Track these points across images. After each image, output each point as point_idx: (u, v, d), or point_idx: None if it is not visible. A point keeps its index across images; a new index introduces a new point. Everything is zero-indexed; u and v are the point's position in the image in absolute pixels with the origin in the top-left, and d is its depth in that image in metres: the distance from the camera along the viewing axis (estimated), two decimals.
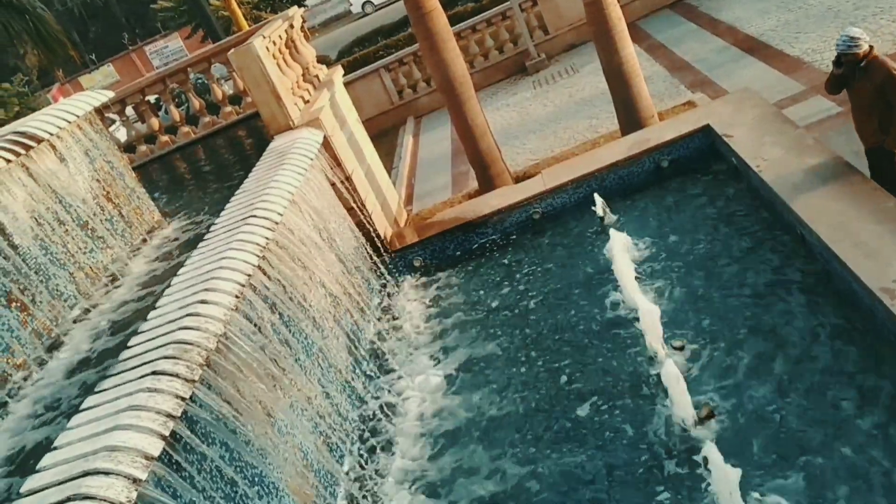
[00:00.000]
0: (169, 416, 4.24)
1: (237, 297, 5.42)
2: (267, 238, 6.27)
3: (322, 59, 23.67)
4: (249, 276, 5.72)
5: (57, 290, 6.07)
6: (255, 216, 6.49)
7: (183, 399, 4.39)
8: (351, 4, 42.95)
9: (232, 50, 8.75)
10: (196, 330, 4.89)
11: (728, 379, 5.70)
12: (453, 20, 18.83)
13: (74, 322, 6.05)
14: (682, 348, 6.16)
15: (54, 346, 5.73)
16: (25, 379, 5.41)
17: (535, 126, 14.19)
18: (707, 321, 6.37)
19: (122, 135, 11.82)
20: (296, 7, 11.04)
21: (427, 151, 15.70)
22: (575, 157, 10.61)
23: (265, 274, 6.15)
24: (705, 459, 4.86)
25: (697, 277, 6.93)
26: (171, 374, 4.48)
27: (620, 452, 5.54)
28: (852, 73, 6.60)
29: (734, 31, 14.26)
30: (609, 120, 12.03)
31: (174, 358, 4.59)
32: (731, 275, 6.75)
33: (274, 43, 9.26)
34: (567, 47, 17.75)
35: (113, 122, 12.55)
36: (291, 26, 10.27)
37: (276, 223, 6.55)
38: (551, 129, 13.61)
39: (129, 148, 11.43)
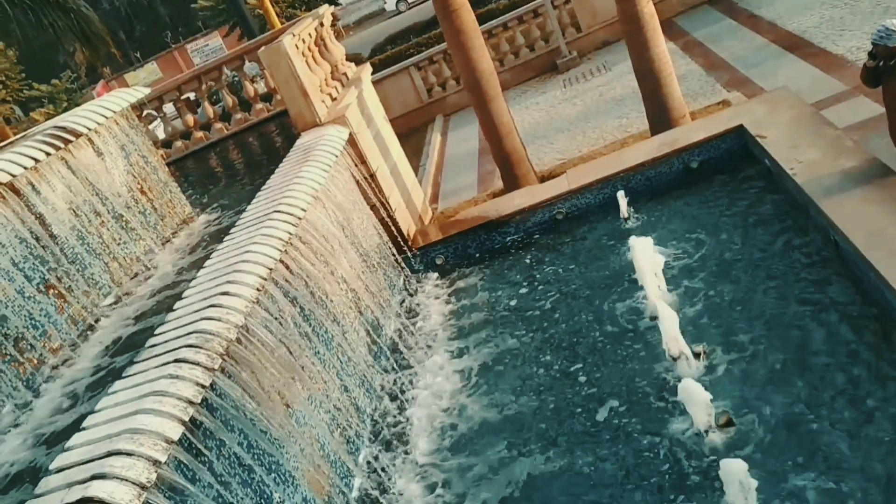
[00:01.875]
0: (189, 402, 4.43)
1: (258, 289, 5.61)
2: (290, 233, 6.46)
3: (354, 57, 23.98)
4: (271, 269, 5.90)
5: (92, 279, 6.32)
6: (278, 211, 6.68)
7: (203, 386, 4.58)
8: (385, 2, 43.30)
9: (262, 48, 8.97)
10: (218, 321, 5.09)
11: (749, 386, 5.65)
12: (485, 17, 18.95)
13: (108, 310, 6.30)
14: (702, 354, 6.13)
15: (88, 332, 5.97)
16: (63, 363, 5.66)
17: (563, 125, 14.22)
18: (730, 327, 6.30)
19: (160, 131, 12.16)
20: (326, 5, 11.22)
21: (455, 149, 15.82)
22: (602, 157, 10.62)
23: (287, 268, 6.34)
24: (720, 465, 4.83)
25: (723, 282, 6.86)
26: (192, 363, 4.67)
27: (635, 456, 5.54)
28: (886, 67, 6.30)
29: (775, 28, 14.06)
30: (640, 120, 12.00)
31: (196, 347, 4.79)
32: (759, 281, 6.65)
33: (303, 41, 9.46)
34: (600, 45, 17.71)
35: (155, 118, 12.90)
36: (321, 24, 10.48)
37: (300, 218, 6.74)
38: (580, 128, 13.63)
39: (166, 143, 11.77)
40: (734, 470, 4.58)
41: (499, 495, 5.80)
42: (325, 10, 10.90)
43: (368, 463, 6.44)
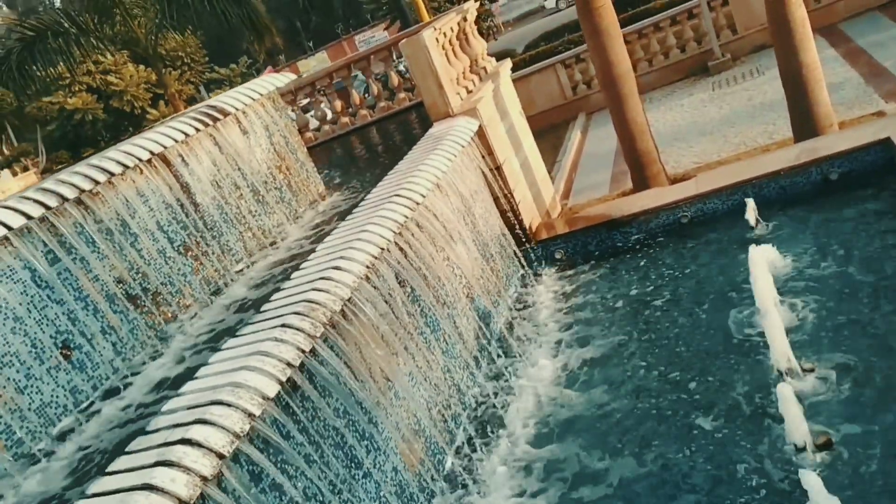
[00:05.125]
0: (288, 364, 4.68)
1: (368, 267, 5.81)
2: (406, 217, 6.62)
3: (508, 53, 24.03)
4: (383, 249, 6.08)
5: (227, 246, 6.78)
6: (399, 195, 6.86)
7: (303, 351, 4.82)
8: (545, 0, 43.17)
9: (403, 40, 9.21)
10: (325, 292, 5.33)
11: (856, 410, 5.25)
12: (642, 16, 18.41)
13: (237, 275, 6.74)
14: (812, 371, 5.75)
15: (218, 294, 6.42)
16: (192, 319, 6.13)
17: (706, 128, 13.57)
18: (848, 347, 5.86)
19: (313, 117, 12.79)
20: (472, 1, 11.30)
21: (593, 147, 15.51)
22: (736, 162, 10.06)
23: (401, 250, 6.50)
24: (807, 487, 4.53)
25: (846, 299, 6.40)
26: (296, 328, 4.92)
27: (726, 467, 5.29)
28: None
29: None
30: (787, 127, 11.18)
31: (301, 314, 5.04)
32: (884, 301, 6.15)
33: (444, 34, 9.61)
34: (755, 48, 16.71)
35: (310, 106, 13.57)
36: (465, 19, 10.58)
37: (418, 203, 6.88)
38: (722, 132, 12.95)
39: (315, 127, 12.37)
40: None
41: (588, 489, 5.69)
42: (470, 6, 10.99)
43: (463, 443, 6.51)
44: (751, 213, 7.94)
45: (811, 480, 4.28)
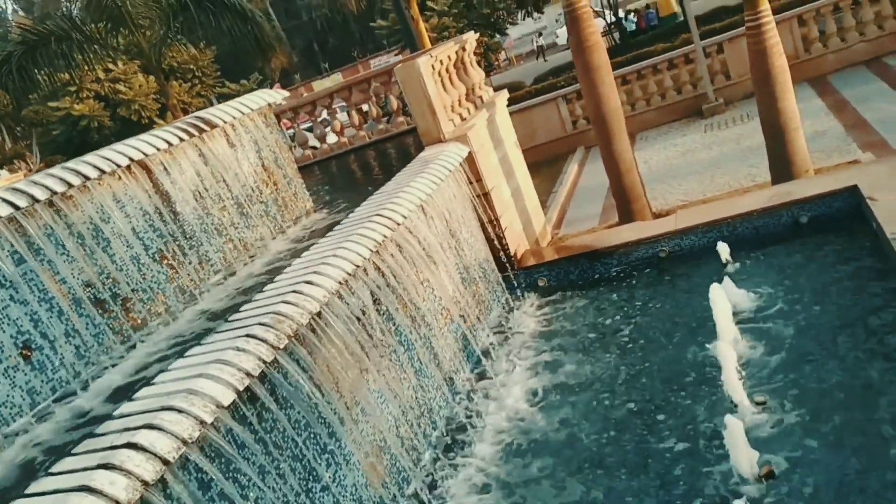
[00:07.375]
0: (248, 374, 4.56)
1: (340, 283, 5.70)
2: (385, 236, 6.52)
3: (517, 85, 24.07)
4: (358, 266, 5.98)
5: (206, 257, 6.69)
6: (379, 215, 6.78)
7: (264, 362, 4.70)
8: (557, 36, 43.65)
9: (399, 65, 9.19)
10: (294, 305, 5.22)
11: (803, 443, 5.20)
12: (644, 57, 18.48)
13: (213, 286, 6.64)
14: (763, 403, 5.71)
15: (191, 302, 6.32)
16: (161, 327, 6.00)
17: (695, 168, 13.54)
18: (802, 383, 5.82)
19: (312, 136, 12.76)
20: (471, 32, 11.32)
21: (588, 181, 15.48)
22: (717, 201, 10.00)
23: (377, 269, 6.41)
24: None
25: (805, 338, 6.38)
26: (260, 339, 4.81)
27: (675, 492, 5.25)
28: None
29: None
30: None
31: (267, 326, 4.93)
32: (839, 342, 6.13)
33: (441, 62, 9.59)
34: (747, 94, 16.70)
35: (310, 124, 13.51)
36: (463, 49, 10.58)
37: (398, 224, 6.80)
38: (710, 173, 12.92)
39: (314, 145, 12.34)
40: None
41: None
42: (470, 36, 11.00)
43: (429, 462, 6.37)
44: (722, 251, 7.89)
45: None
